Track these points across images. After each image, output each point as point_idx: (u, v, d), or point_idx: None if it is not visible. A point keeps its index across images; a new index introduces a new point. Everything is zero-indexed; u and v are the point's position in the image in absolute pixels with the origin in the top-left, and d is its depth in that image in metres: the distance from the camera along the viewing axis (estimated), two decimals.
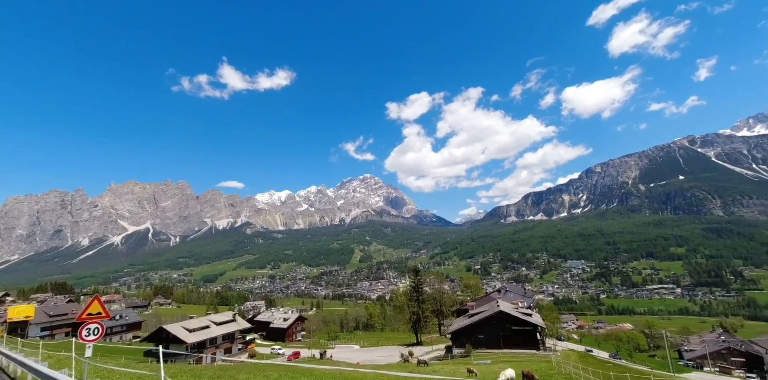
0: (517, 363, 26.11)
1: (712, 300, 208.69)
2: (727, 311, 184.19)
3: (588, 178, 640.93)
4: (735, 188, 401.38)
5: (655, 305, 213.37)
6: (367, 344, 66.33)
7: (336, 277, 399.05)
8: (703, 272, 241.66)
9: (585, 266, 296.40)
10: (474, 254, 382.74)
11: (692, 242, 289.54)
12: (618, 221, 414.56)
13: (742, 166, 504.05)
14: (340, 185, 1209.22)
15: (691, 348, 52.17)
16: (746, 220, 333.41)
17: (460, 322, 45.38)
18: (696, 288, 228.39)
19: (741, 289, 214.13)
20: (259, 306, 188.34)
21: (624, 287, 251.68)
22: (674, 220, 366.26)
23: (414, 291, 62.09)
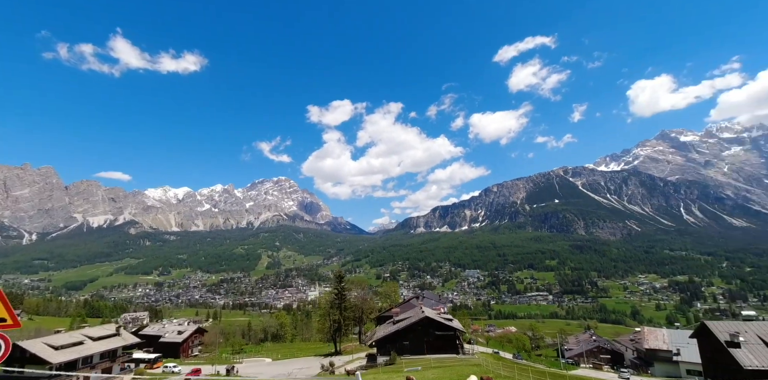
0: (449, 367, 27.65)
1: (575, 306, 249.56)
2: (585, 315, 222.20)
3: (486, 196, 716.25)
4: (594, 213, 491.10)
5: (533, 310, 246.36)
6: (280, 356, 62.68)
7: (238, 285, 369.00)
8: (569, 282, 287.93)
9: (480, 275, 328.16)
10: (385, 263, 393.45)
11: (562, 256, 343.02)
12: (508, 235, 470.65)
13: (600, 195, 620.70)
14: (250, 186, 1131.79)
15: (570, 348, 61.72)
16: (601, 239, 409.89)
17: (384, 329, 46.04)
18: (563, 295, 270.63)
19: (595, 296, 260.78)
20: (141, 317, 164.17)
21: (510, 294, 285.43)
22: (550, 237, 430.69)
23: (337, 298, 61.15)
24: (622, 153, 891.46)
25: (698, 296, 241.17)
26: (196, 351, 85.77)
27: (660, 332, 45.63)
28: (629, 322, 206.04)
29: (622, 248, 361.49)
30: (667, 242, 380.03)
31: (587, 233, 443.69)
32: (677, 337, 44.09)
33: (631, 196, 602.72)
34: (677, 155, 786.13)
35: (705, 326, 32.15)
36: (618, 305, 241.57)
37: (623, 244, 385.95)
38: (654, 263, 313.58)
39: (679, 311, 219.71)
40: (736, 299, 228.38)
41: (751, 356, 26.65)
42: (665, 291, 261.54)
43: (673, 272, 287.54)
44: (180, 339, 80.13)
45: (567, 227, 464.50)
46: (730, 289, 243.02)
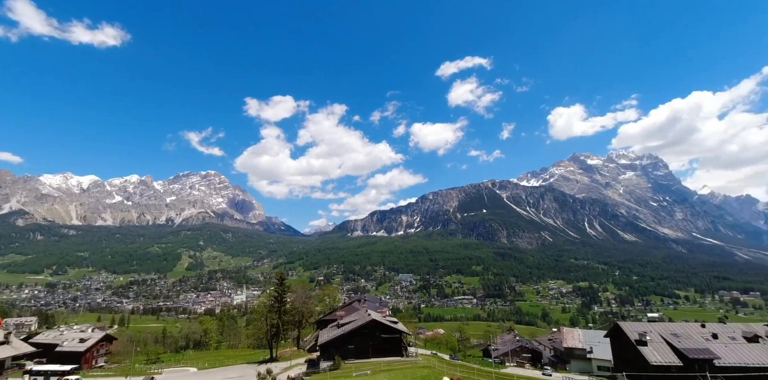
0: (399, 370, 28.19)
1: (495, 308, 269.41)
2: (504, 317, 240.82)
3: (422, 203, 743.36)
4: (516, 224, 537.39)
5: (459, 312, 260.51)
6: (207, 365, 57.90)
7: (152, 287, 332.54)
8: (491, 287, 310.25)
9: (412, 279, 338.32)
10: (319, 266, 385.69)
11: (487, 263, 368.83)
12: (440, 242, 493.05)
13: (521, 207, 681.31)
14: (173, 179, 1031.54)
15: (496, 348, 66.98)
16: (520, 248, 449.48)
17: (328, 333, 45.23)
18: (486, 299, 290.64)
19: (513, 300, 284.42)
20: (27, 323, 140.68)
21: (439, 297, 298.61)
22: (477, 244, 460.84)
23: (276, 301, 58.49)
24: (541, 171, 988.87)
25: (596, 300, 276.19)
26: (101, 361, 75.47)
27: (576, 332, 51.88)
28: (540, 323, 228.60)
29: (536, 257, 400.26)
30: (573, 252, 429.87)
31: (509, 241, 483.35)
32: (591, 337, 50.12)
33: (546, 210, 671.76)
34: (584, 175, 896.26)
35: (618, 326, 37.39)
36: (531, 308, 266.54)
37: (538, 253, 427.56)
38: (562, 271, 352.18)
39: (580, 313, 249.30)
40: (625, 303, 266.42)
41: (656, 353, 31.65)
42: (570, 295, 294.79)
43: (577, 279, 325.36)
44: (83, 348, 69.88)
45: (492, 236, 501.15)
46: (621, 294, 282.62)
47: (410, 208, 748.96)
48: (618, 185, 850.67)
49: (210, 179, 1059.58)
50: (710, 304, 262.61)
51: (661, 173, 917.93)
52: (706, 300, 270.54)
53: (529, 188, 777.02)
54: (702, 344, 32.85)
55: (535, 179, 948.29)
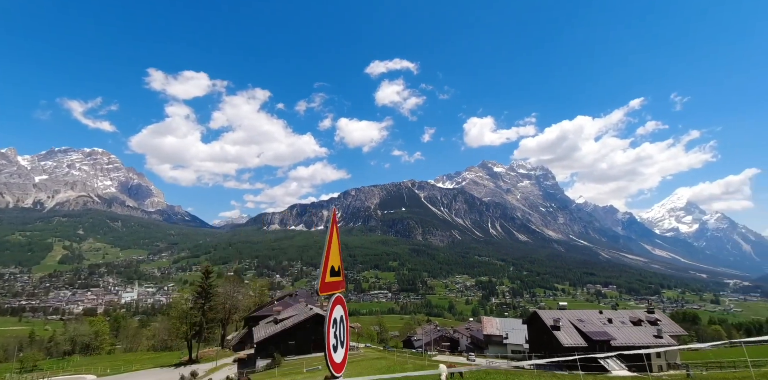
0: (356, 362, 28.53)
1: (408, 302, 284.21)
2: (416, 310, 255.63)
3: (345, 199, 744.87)
4: (431, 222, 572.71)
5: (374, 306, 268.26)
6: (109, 371, 50.27)
7: (11, 283, 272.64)
8: (406, 281, 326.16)
9: None
10: (229, 260, 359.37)
11: (402, 258, 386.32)
12: (360, 237, 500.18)
13: (436, 207, 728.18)
14: (46, 154, 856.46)
15: (418, 338, 71.52)
16: (433, 245, 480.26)
17: (265, 329, 42.41)
18: (400, 293, 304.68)
19: (424, 294, 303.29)
20: None
21: (356, 292, 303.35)
22: (395, 241, 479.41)
23: (201, 297, 53.28)
24: (455, 174, 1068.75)
25: (494, 292, 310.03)
26: None
27: (494, 320, 58.92)
28: (447, 315, 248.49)
29: (447, 253, 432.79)
30: (478, 249, 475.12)
31: (424, 239, 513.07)
32: (507, 324, 57.04)
33: (458, 211, 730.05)
34: (490, 181, 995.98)
35: (536, 314, 43.38)
36: (440, 300, 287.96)
37: (448, 250, 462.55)
38: (467, 266, 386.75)
39: (481, 305, 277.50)
40: (516, 295, 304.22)
41: (567, 336, 37.67)
42: (473, 288, 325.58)
43: (479, 274, 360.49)
44: None
45: (409, 233, 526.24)
46: (513, 287, 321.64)
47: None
48: (516, 192, 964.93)
49: (96, 157, 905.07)
50: (580, 295, 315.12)
51: (550, 183, 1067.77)
52: (578, 291, 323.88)
53: (444, 189, 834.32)
54: (601, 328, 39.96)
55: (449, 182, 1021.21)
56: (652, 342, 37.82)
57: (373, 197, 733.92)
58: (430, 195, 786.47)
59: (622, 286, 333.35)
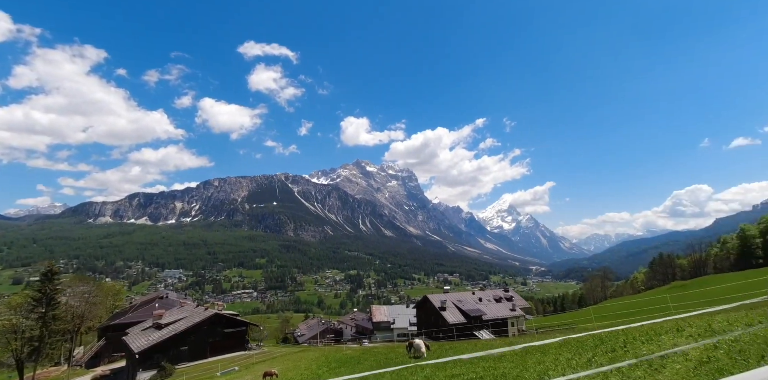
0: (274, 359, 24.32)
1: (275, 300, 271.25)
2: (283, 307, 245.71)
3: (205, 189, 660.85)
4: (303, 218, 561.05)
5: (237, 308, 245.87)
6: None
7: None
8: (274, 278, 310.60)
9: (182, 276, 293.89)
10: (33, 261, 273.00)
11: (271, 255, 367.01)
12: (222, 233, 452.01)
13: (309, 202, 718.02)
14: None
15: (302, 333, 68.87)
16: (305, 240, 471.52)
17: (147, 337, 35.51)
18: (267, 291, 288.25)
19: (293, 290, 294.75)
20: None
21: (215, 293, 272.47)
22: (263, 236, 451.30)
23: (41, 305, 40.54)
24: (330, 171, 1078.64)
25: (361, 285, 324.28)
26: None
27: (383, 308, 62.74)
28: (316, 310, 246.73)
29: (318, 249, 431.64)
30: (348, 244, 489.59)
31: (295, 234, 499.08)
32: (393, 311, 61.90)
33: (331, 206, 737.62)
34: (363, 179, 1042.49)
35: (426, 298, 47.21)
36: (309, 296, 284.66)
37: (320, 245, 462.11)
38: (338, 261, 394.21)
39: (349, 298, 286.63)
40: (381, 286, 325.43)
41: (451, 315, 42.85)
42: (342, 282, 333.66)
43: (348, 268, 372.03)
44: None
45: (280, 228, 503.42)
46: (379, 279, 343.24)
47: (189, 193, 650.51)
48: (385, 191, 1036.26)
49: None
50: (432, 283, 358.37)
51: (413, 185, 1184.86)
52: (430, 280, 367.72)
53: (319, 185, 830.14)
54: (475, 306, 47.12)
55: (324, 178, 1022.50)
56: (509, 314, 47.51)
57: (241, 190, 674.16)
58: (304, 190, 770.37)
59: (463, 274, 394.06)
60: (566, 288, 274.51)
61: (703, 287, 56.16)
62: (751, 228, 78.93)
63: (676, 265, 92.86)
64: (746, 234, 78.02)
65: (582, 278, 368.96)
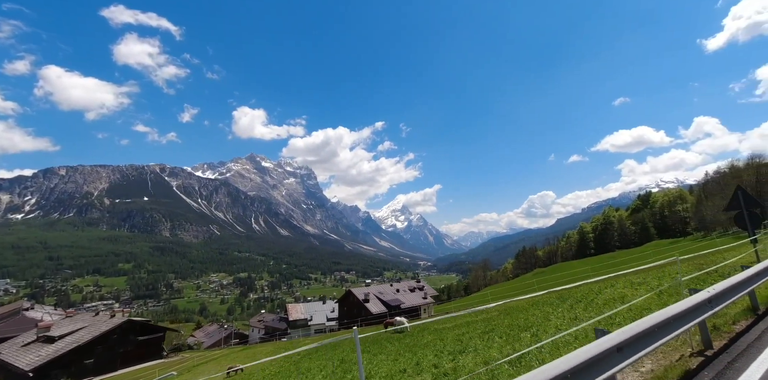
0: (214, 361, 19.97)
1: (145, 311, 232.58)
2: (156, 318, 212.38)
3: (46, 179, 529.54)
4: (183, 215, 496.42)
5: None
6: None
7: None
8: (143, 286, 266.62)
9: (10, 287, 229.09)
10: None
11: (140, 259, 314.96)
12: (70, 233, 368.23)
13: (192, 198, 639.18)
14: None
15: (199, 340, 61.96)
16: (184, 241, 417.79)
17: (36, 352, 30.50)
18: (134, 301, 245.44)
19: (169, 298, 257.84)
20: None
21: (60, 306, 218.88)
22: (129, 237, 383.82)
23: None
24: (219, 164, 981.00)
25: (252, 288, 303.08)
26: None
27: (299, 306, 63.15)
28: (198, 319, 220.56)
29: (201, 250, 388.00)
30: (238, 245, 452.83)
31: (172, 234, 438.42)
32: (310, 308, 62.29)
33: (219, 203, 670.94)
34: (258, 175, 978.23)
35: (350, 291, 50.84)
36: (189, 304, 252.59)
37: (203, 246, 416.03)
38: (225, 263, 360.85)
39: (238, 302, 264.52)
40: (275, 288, 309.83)
41: (374, 306, 45.79)
42: (230, 286, 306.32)
43: (238, 270, 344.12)
44: None
45: (152, 228, 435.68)
46: (273, 281, 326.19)
47: (20, 183, 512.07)
48: (282, 188, 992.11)
49: None
50: (329, 282, 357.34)
51: (312, 183, 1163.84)
52: (327, 279, 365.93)
53: (204, 179, 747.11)
54: (394, 296, 50.91)
55: (211, 172, 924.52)
56: (422, 302, 52.63)
57: (99, 181, 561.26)
58: (185, 184, 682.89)
59: (359, 271, 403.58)
60: (449, 280, 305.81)
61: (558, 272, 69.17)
62: (587, 226, 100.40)
63: (536, 256, 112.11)
64: (584, 231, 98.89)
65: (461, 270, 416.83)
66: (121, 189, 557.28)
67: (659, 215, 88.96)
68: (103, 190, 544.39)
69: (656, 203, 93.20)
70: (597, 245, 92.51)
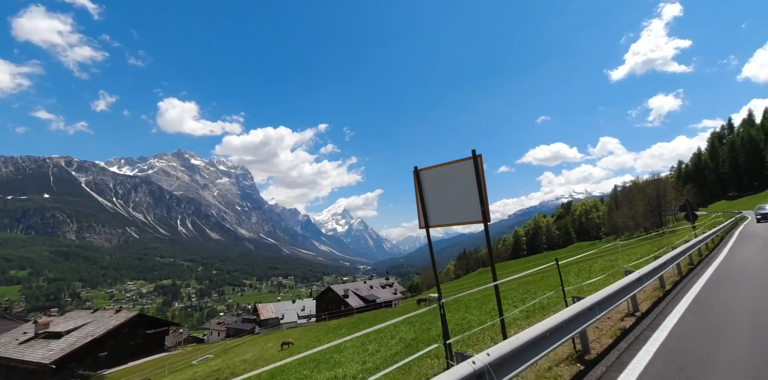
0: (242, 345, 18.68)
1: None
2: None
3: None
4: (94, 216, 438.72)
5: None
6: None
7: None
8: (42, 296, 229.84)
9: None
10: None
11: (38, 265, 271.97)
12: None
13: (105, 197, 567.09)
14: None
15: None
16: (94, 245, 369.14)
17: (46, 347, 31.47)
18: (30, 313, 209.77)
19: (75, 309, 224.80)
20: None
21: None
22: (24, 240, 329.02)
23: None
24: (139, 160, 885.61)
25: (177, 296, 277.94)
26: None
27: (269, 306, 67.35)
28: None
29: (116, 255, 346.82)
30: (161, 249, 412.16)
31: (79, 237, 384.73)
32: (280, 307, 65.49)
33: (138, 203, 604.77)
34: (186, 173, 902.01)
35: (330, 288, 56.02)
36: None
37: (118, 251, 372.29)
38: (145, 270, 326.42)
39: (160, 312, 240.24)
40: (205, 295, 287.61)
41: (353, 301, 50.38)
42: (150, 295, 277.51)
43: (160, 277, 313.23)
44: None
45: (53, 230, 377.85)
46: (202, 288, 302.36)
47: None
48: (214, 188, 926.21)
49: None
50: (265, 288, 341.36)
51: (248, 183, 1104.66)
52: (263, 285, 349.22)
53: (121, 176, 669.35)
54: (370, 292, 57.22)
55: (129, 168, 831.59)
56: (393, 297, 58.67)
57: None
58: (96, 181, 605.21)
59: (298, 276, 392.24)
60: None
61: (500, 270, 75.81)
62: (521, 230, 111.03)
63: (476, 257, 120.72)
64: (518, 234, 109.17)
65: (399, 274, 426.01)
66: (15, 184, 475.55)
67: (578, 221, 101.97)
68: None
69: (576, 211, 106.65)
70: (529, 247, 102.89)
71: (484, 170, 5.38)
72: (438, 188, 5.85)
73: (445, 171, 5.75)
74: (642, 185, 73.98)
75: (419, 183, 6.00)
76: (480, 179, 5.28)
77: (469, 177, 5.36)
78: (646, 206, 62.56)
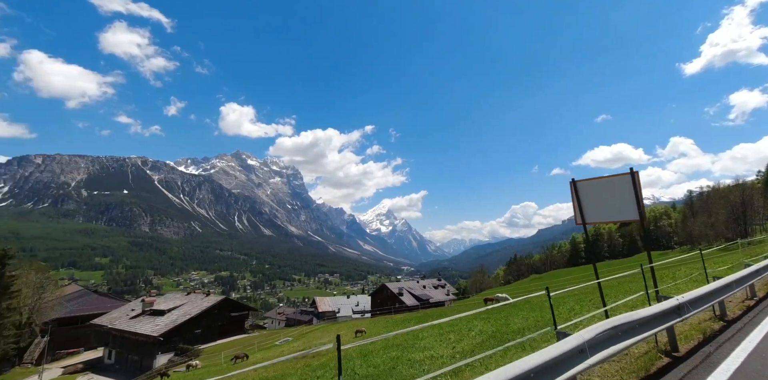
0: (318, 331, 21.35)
1: None
2: None
3: (21, 167, 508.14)
4: (164, 211, 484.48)
5: None
6: None
7: None
8: (121, 282, 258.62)
9: None
10: None
11: (117, 254, 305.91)
12: (44, 224, 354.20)
13: (174, 194, 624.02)
14: None
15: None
16: (164, 237, 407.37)
17: (152, 323, 37.01)
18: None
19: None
20: None
21: None
22: (106, 231, 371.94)
23: None
24: (203, 160, 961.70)
25: (234, 287, 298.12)
26: None
27: (327, 299, 73.84)
28: None
29: (182, 247, 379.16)
30: (220, 243, 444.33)
31: (151, 230, 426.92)
32: (336, 301, 70.04)
33: (201, 200, 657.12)
34: (242, 173, 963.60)
35: (384, 285, 58.46)
36: None
37: (184, 243, 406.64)
38: (206, 261, 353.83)
39: None
40: (258, 288, 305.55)
41: (407, 299, 52.72)
42: (211, 284, 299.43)
43: (220, 269, 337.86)
44: None
45: (131, 222, 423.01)
46: (255, 281, 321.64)
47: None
48: (267, 187, 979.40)
49: None
50: (312, 284, 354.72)
51: (298, 183, 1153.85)
52: (311, 280, 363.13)
53: (188, 175, 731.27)
54: (423, 291, 58.58)
55: (194, 167, 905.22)
56: (446, 298, 59.48)
57: (77, 171, 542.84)
58: (167, 179, 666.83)
59: (343, 274, 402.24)
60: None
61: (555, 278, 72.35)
62: (579, 236, 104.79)
63: (529, 263, 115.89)
64: (576, 241, 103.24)
65: (444, 276, 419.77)
66: (99, 181, 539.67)
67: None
68: (80, 181, 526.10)
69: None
70: (587, 254, 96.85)
71: (640, 184, 6.48)
72: (594, 194, 7.02)
73: (602, 183, 6.95)
74: (723, 190, 66.86)
75: (576, 190, 7.29)
76: (637, 191, 6.34)
77: (626, 187, 6.44)
78: (729, 214, 56.54)
